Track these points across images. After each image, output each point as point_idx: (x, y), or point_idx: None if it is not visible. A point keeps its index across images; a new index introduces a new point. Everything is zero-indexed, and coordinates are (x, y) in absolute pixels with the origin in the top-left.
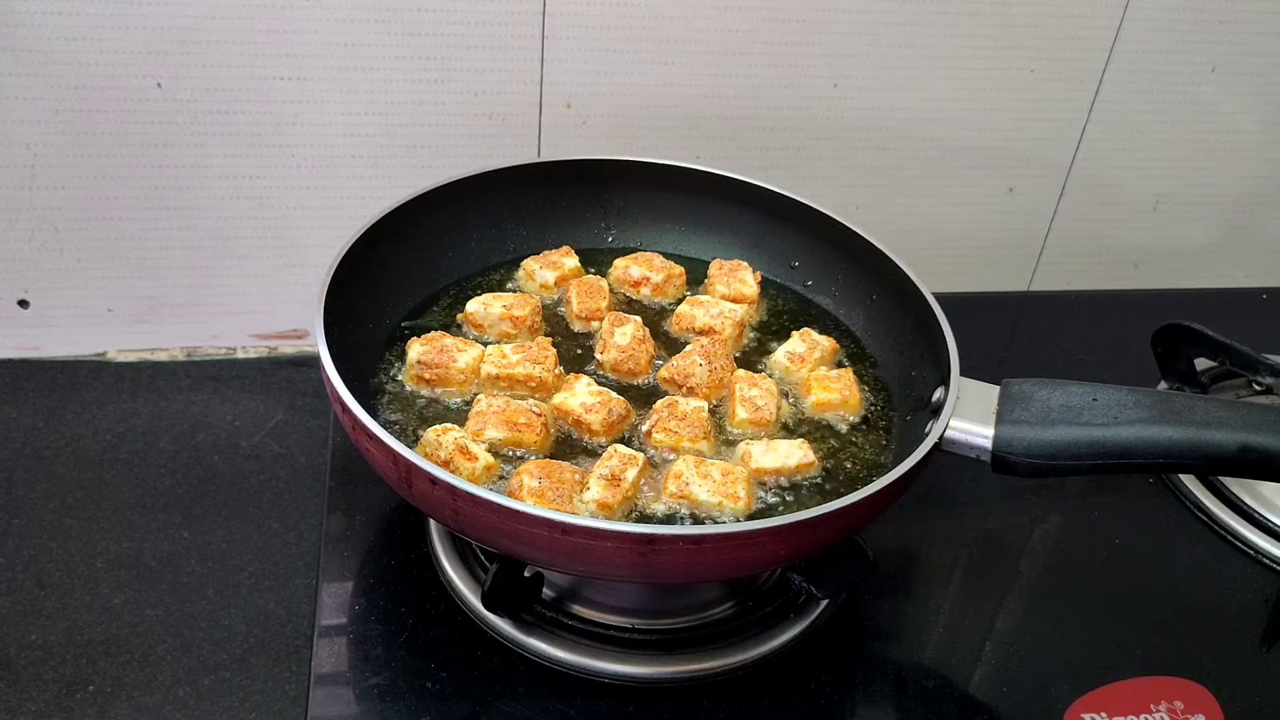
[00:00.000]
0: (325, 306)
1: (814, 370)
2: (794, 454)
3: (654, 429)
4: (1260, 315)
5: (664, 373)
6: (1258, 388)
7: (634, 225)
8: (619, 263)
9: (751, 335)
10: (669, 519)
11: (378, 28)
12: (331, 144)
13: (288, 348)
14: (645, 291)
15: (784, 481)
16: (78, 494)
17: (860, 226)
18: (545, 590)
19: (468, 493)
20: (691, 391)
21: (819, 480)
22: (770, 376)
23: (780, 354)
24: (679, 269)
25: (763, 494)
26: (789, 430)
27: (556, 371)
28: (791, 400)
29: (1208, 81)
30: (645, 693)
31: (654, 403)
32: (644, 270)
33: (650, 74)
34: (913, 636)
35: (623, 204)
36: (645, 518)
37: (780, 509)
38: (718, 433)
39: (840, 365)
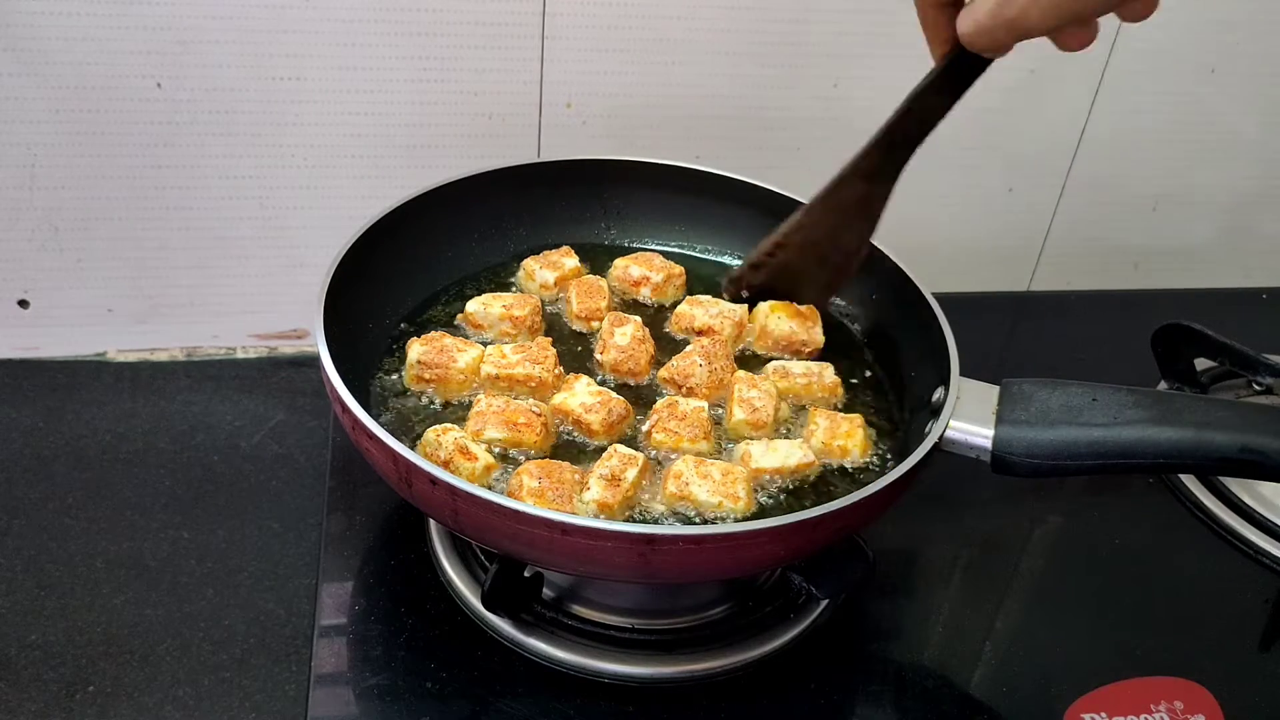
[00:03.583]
0: (325, 306)
1: (814, 399)
2: (794, 454)
3: (654, 429)
4: (1260, 315)
5: (664, 373)
6: (1258, 388)
7: (634, 225)
8: (619, 263)
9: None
10: (668, 519)
11: (377, 28)
12: (331, 144)
13: (288, 348)
14: (645, 291)
15: (784, 481)
16: (78, 494)
17: None
18: (545, 590)
19: (468, 493)
20: (691, 392)
21: (819, 480)
22: (770, 378)
23: (779, 363)
24: (679, 269)
25: (762, 494)
26: (789, 431)
27: (556, 371)
28: (792, 405)
29: (1208, 81)
30: (645, 693)
31: (654, 403)
32: (644, 270)
33: (650, 74)
34: (913, 636)
35: (623, 204)
36: (645, 518)
37: (780, 509)
38: (717, 433)
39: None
